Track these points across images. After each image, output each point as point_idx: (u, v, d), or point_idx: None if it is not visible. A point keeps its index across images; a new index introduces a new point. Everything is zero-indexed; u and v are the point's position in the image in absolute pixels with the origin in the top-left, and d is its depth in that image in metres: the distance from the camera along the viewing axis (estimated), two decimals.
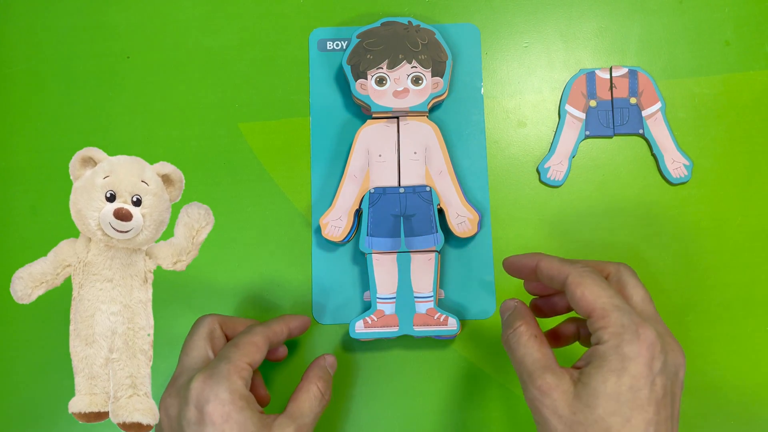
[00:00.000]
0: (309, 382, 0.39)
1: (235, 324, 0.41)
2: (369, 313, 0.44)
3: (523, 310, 0.36)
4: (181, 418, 0.34)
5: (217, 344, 0.39)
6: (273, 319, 0.41)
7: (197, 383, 0.34)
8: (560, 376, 0.32)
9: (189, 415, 0.34)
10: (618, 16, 0.49)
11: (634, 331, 0.31)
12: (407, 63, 0.45)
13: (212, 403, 0.34)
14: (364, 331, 0.43)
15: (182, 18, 0.50)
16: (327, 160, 0.48)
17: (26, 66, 0.49)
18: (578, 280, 0.33)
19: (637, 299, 0.35)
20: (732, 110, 0.48)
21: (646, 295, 0.35)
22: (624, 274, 0.36)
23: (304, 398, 0.38)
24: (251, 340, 0.37)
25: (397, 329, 0.44)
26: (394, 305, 0.44)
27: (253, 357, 0.37)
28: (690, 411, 0.45)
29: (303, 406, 0.37)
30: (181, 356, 0.38)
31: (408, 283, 0.44)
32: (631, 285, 0.35)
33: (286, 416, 0.36)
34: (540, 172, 0.47)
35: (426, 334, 0.44)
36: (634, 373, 0.31)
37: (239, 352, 0.36)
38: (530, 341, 0.34)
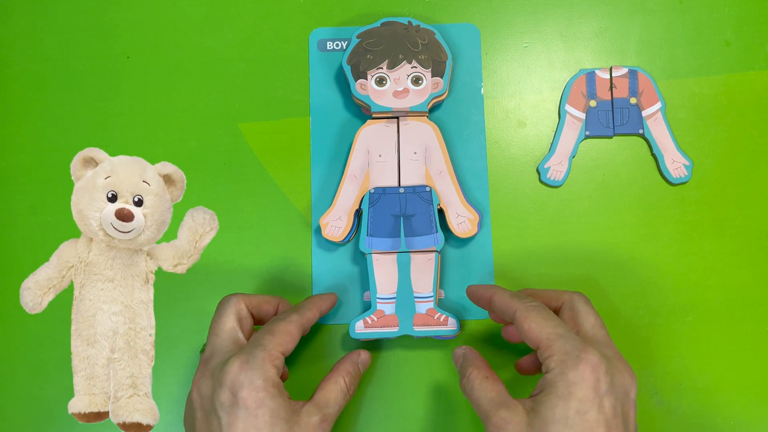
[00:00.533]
0: (338, 374, 0.40)
1: (260, 303, 0.41)
2: (369, 313, 0.44)
3: (471, 356, 0.40)
4: (214, 400, 0.35)
5: (245, 324, 0.40)
6: (304, 303, 0.42)
7: (233, 368, 0.35)
8: (513, 409, 0.34)
9: (222, 398, 0.35)
10: (618, 16, 0.49)
11: (577, 356, 0.33)
12: (407, 63, 0.45)
13: (247, 388, 0.35)
14: (364, 332, 0.43)
15: (182, 18, 0.50)
16: (327, 160, 0.48)
17: (26, 66, 0.49)
18: (524, 315, 0.36)
19: (587, 326, 0.37)
20: (732, 110, 0.48)
21: (596, 322, 0.38)
22: (576, 303, 0.38)
23: (332, 389, 0.39)
24: (286, 329, 0.38)
25: (397, 329, 0.44)
26: (394, 305, 0.44)
27: (286, 346, 0.38)
28: (690, 411, 0.45)
29: (329, 397, 0.38)
30: (210, 337, 0.39)
31: (408, 283, 0.44)
32: (583, 313, 0.38)
33: (312, 404, 0.37)
34: (540, 172, 0.47)
35: (426, 334, 0.44)
36: (580, 396, 0.33)
37: (274, 341, 0.37)
38: (482, 383, 0.37)
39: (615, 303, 0.46)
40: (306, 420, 0.36)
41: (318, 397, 0.38)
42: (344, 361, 0.42)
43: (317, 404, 0.38)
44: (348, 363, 0.41)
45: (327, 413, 0.37)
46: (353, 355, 0.43)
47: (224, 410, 0.35)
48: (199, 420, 0.36)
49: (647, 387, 0.45)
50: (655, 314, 0.46)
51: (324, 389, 0.39)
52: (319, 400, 0.38)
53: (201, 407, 0.36)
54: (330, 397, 0.39)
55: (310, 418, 0.36)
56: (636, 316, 0.46)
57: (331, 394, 0.39)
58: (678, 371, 0.45)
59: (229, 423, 0.34)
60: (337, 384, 0.39)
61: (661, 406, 0.45)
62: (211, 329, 0.39)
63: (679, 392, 0.45)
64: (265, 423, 0.34)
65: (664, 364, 0.45)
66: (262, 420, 0.34)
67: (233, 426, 0.34)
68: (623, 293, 0.46)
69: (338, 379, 0.40)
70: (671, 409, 0.45)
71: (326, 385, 0.39)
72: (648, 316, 0.46)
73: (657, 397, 0.45)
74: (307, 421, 0.36)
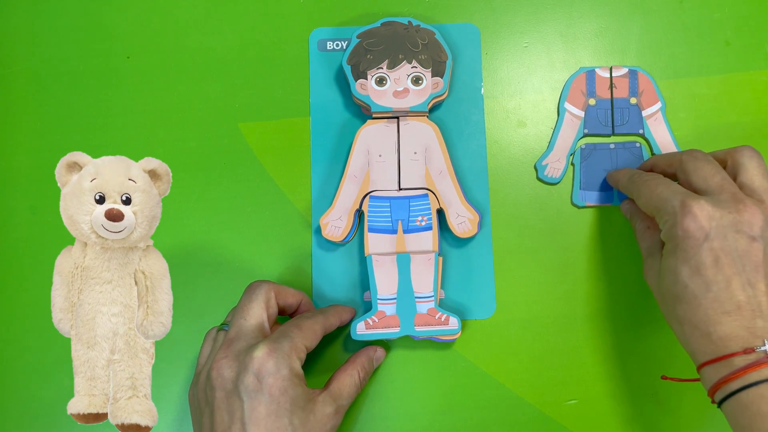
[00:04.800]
0: (353, 367, 0.42)
1: (286, 294, 0.43)
2: (370, 315, 0.44)
3: (634, 208, 0.45)
4: (238, 382, 0.37)
5: (271, 312, 0.41)
6: (328, 309, 0.43)
7: (261, 354, 0.37)
8: (656, 257, 0.40)
9: (247, 381, 0.36)
10: (618, 16, 0.49)
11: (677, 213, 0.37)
12: (407, 63, 0.45)
13: (273, 376, 0.36)
14: (366, 333, 0.43)
15: (182, 18, 0.50)
16: (327, 160, 0.48)
17: (26, 66, 0.49)
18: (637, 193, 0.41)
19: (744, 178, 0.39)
20: (732, 110, 0.48)
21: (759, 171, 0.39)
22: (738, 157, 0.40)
23: (347, 382, 0.41)
24: (312, 327, 0.40)
25: (399, 330, 0.44)
26: (395, 306, 0.44)
27: (311, 342, 0.40)
28: (689, 411, 0.45)
29: (343, 388, 0.40)
30: (237, 319, 0.40)
31: (408, 283, 0.44)
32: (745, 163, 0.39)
33: (328, 394, 0.39)
34: (537, 169, 0.47)
35: (427, 334, 0.44)
36: (684, 247, 0.37)
37: (301, 335, 0.39)
38: (643, 234, 0.43)
39: (615, 303, 0.46)
40: (321, 409, 0.38)
41: (333, 388, 0.40)
42: (360, 355, 0.43)
43: (332, 394, 0.40)
44: (364, 357, 0.43)
45: (340, 405, 0.40)
46: (370, 350, 0.44)
47: (248, 394, 0.36)
48: (218, 399, 0.37)
49: (647, 387, 0.45)
50: (655, 313, 0.46)
51: (339, 380, 0.41)
52: (334, 391, 0.40)
53: (222, 387, 0.37)
54: (344, 389, 0.40)
55: (325, 408, 0.38)
56: (636, 315, 0.46)
57: (345, 385, 0.41)
58: (678, 371, 0.45)
59: (252, 407, 0.36)
60: (352, 377, 0.41)
61: (661, 406, 0.45)
62: (238, 311, 0.40)
63: (680, 392, 0.45)
64: (286, 411, 0.36)
65: (665, 364, 0.45)
66: (283, 407, 0.36)
67: (256, 410, 0.36)
68: (623, 293, 0.46)
69: (353, 372, 0.41)
70: (671, 409, 0.45)
71: (342, 376, 0.41)
72: (648, 315, 0.46)
73: (657, 397, 0.45)
74: (322, 411, 0.38)
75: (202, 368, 0.39)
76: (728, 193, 0.37)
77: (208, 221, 0.47)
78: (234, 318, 0.40)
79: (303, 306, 0.44)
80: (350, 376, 0.41)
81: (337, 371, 0.42)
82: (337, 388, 0.40)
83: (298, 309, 0.44)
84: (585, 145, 0.47)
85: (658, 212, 0.39)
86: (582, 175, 0.47)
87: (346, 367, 0.42)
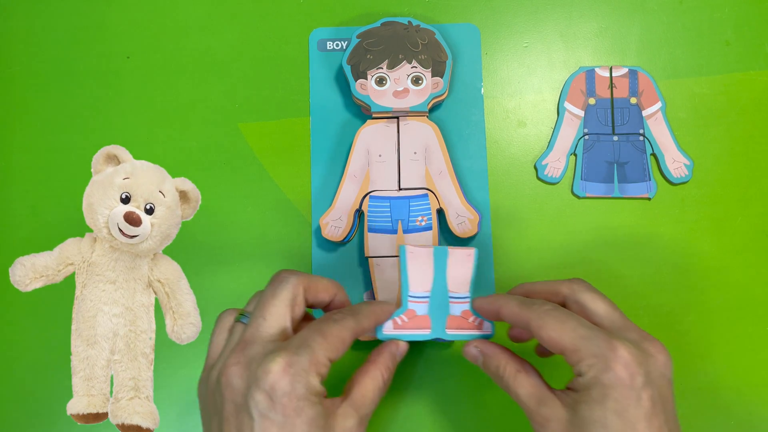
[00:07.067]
0: (376, 367, 0.36)
1: (318, 289, 0.37)
2: (399, 313, 0.39)
3: (491, 351, 0.38)
4: (248, 397, 0.32)
5: (297, 312, 0.36)
6: (361, 307, 0.37)
7: (276, 370, 0.32)
8: (553, 405, 0.34)
9: (258, 398, 0.32)
10: (618, 16, 0.49)
11: (606, 357, 0.32)
12: (407, 63, 0.45)
13: (288, 396, 0.32)
14: (394, 333, 0.38)
15: (182, 18, 0.50)
16: (327, 160, 0.48)
17: (26, 66, 0.49)
18: (540, 323, 0.34)
19: (600, 313, 0.36)
20: (732, 110, 0.48)
21: (608, 307, 0.36)
22: (578, 294, 0.36)
23: (370, 386, 0.36)
24: (340, 335, 0.34)
25: (430, 332, 0.39)
26: (427, 305, 0.39)
27: (336, 353, 0.34)
28: (689, 411, 0.45)
29: (366, 394, 0.35)
30: (256, 318, 0.35)
31: (443, 281, 0.39)
32: (590, 300, 0.36)
33: (349, 404, 0.34)
34: (537, 169, 0.47)
35: (459, 338, 0.39)
36: (616, 396, 0.32)
37: (325, 345, 0.33)
38: (516, 379, 0.36)
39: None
40: (342, 424, 0.33)
41: (355, 395, 0.35)
42: (383, 353, 0.37)
43: (354, 404, 0.34)
44: (387, 355, 0.37)
45: (363, 414, 0.35)
46: (392, 346, 0.38)
47: (258, 411, 0.32)
48: (227, 411, 0.33)
49: None
50: (655, 314, 0.46)
51: (361, 385, 0.35)
52: (356, 399, 0.35)
53: (231, 399, 0.33)
54: (368, 394, 0.35)
55: (346, 422, 0.34)
56: (636, 315, 0.46)
57: (368, 390, 0.35)
58: (678, 371, 0.45)
59: (263, 427, 0.32)
60: (375, 380, 0.36)
61: None
62: (259, 307, 0.35)
63: (680, 392, 0.45)
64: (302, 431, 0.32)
65: None
66: (299, 429, 0.32)
67: (267, 431, 0.32)
68: (623, 293, 0.46)
69: (376, 374, 0.36)
70: None
71: (364, 380, 0.36)
72: (648, 316, 0.46)
73: None
74: (343, 426, 0.33)
75: (213, 366, 0.35)
76: (635, 332, 0.35)
77: (208, 221, 0.47)
78: (254, 313, 0.35)
79: (336, 302, 0.38)
80: (373, 379, 0.36)
81: (357, 374, 0.36)
82: (359, 396, 0.35)
83: (331, 304, 0.38)
84: (588, 136, 0.47)
85: (574, 353, 0.33)
86: (584, 166, 0.47)
87: (368, 368, 0.36)
